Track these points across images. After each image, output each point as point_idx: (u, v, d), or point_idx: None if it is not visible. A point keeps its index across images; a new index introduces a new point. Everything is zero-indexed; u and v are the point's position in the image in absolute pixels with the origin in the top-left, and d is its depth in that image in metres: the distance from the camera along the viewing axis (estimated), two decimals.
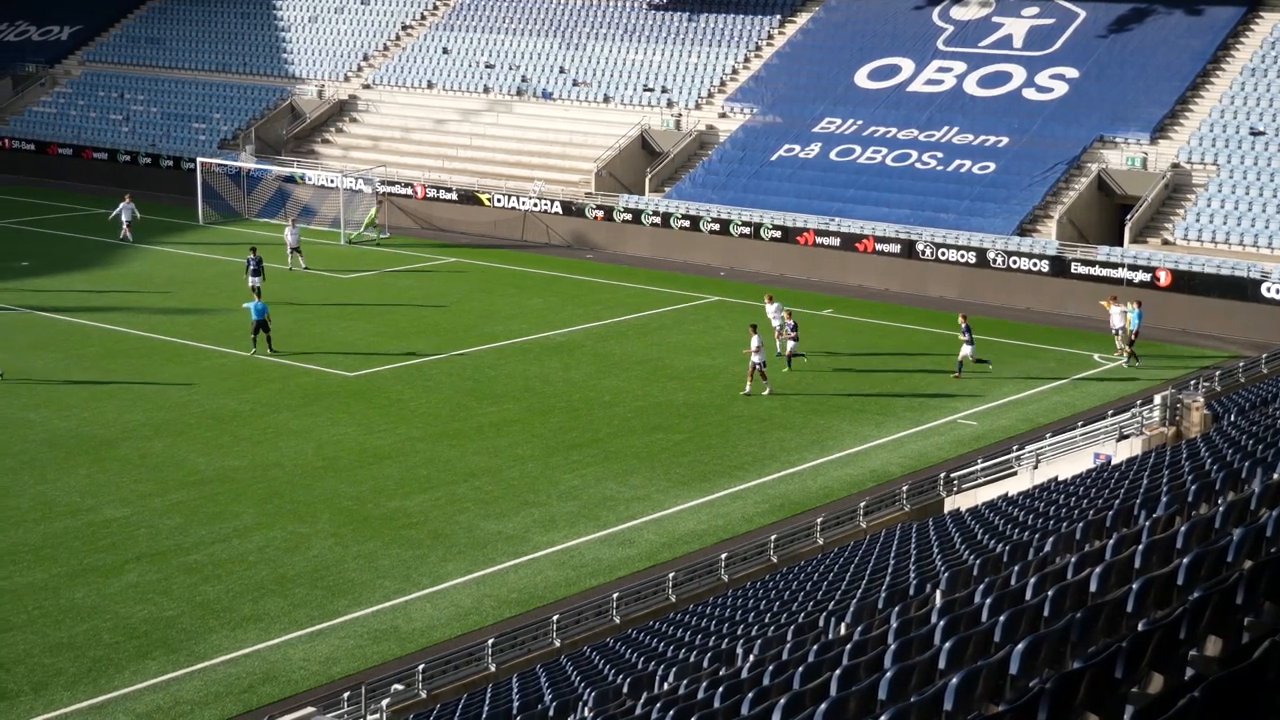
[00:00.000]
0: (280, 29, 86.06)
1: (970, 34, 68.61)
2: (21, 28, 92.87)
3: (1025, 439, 37.90)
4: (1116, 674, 11.12)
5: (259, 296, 49.80)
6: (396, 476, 36.36)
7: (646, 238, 64.46)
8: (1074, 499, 26.50)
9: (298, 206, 71.58)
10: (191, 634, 27.78)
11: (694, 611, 27.01)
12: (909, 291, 57.40)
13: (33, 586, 29.68)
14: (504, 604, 29.56)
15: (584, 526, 33.46)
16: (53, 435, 38.80)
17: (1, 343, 44.98)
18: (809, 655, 16.28)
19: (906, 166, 62.44)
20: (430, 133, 75.30)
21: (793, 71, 70.53)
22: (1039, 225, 57.89)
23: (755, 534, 32.95)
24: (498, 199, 68.33)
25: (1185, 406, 35.13)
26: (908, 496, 34.56)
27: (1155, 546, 15.41)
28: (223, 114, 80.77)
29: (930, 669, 13.12)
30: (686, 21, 75.61)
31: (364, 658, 27.14)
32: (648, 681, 19.81)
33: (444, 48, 79.73)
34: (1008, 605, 14.74)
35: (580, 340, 49.81)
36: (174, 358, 46.82)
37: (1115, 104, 61.77)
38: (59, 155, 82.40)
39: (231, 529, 32.81)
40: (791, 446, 39.09)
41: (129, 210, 64.89)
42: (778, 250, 61.09)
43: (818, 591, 24.74)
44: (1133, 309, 47.65)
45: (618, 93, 72.92)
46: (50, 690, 25.62)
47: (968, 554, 22.95)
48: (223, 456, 37.60)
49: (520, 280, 59.62)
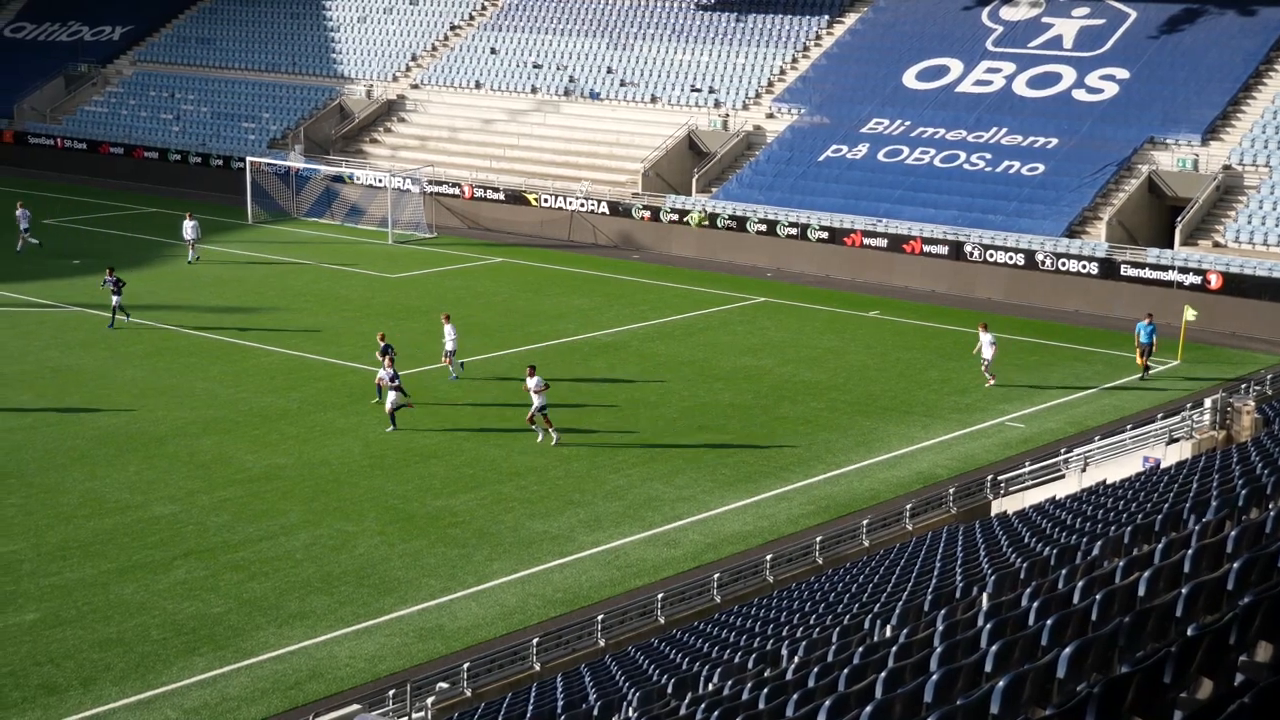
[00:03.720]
0: (329, 29, 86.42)
1: (1020, 34, 68.30)
2: (74, 28, 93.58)
3: (1073, 442, 37.71)
4: (1165, 679, 11.04)
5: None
6: (443, 475, 36.44)
7: (693, 238, 64.43)
8: (1122, 503, 26.33)
9: (345, 206, 71.89)
10: (238, 631, 27.91)
11: (739, 612, 26.99)
12: (956, 293, 57.19)
13: (82, 582, 29.89)
14: (549, 603, 29.59)
15: (629, 526, 33.46)
16: (103, 432, 39.06)
17: (54, 339, 45.29)
18: (854, 657, 16.22)
19: (955, 167, 62.21)
20: (478, 133, 75.46)
21: (840, 72, 70.36)
22: (1088, 227, 57.57)
23: (801, 535, 32.89)
24: (545, 199, 68.42)
25: (1236, 410, 34.88)
26: (954, 499, 34.44)
27: (1205, 551, 15.29)
28: (272, 114, 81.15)
29: (976, 672, 13.05)
30: (734, 22, 75.52)
31: (409, 656, 27.21)
32: (692, 682, 19.79)
33: (492, 48, 79.88)
34: (1055, 609, 14.64)
35: (626, 340, 49.81)
36: (222, 356, 47.06)
37: (1166, 105, 61.38)
38: (110, 154, 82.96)
39: (279, 526, 32.95)
40: (838, 448, 39.00)
41: (193, 229, 62.32)
42: (824, 251, 60.97)
43: (863, 593, 24.67)
44: (1144, 323, 45.72)
45: (665, 93, 72.90)
46: (99, 685, 25.79)
47: (1015, 557, 22.83)
48: (270, 454, 37.77)
49: (567, 280, 59.68)
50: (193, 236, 61.93)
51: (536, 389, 38.33)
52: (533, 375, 38.66)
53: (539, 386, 38.37)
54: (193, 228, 61.92)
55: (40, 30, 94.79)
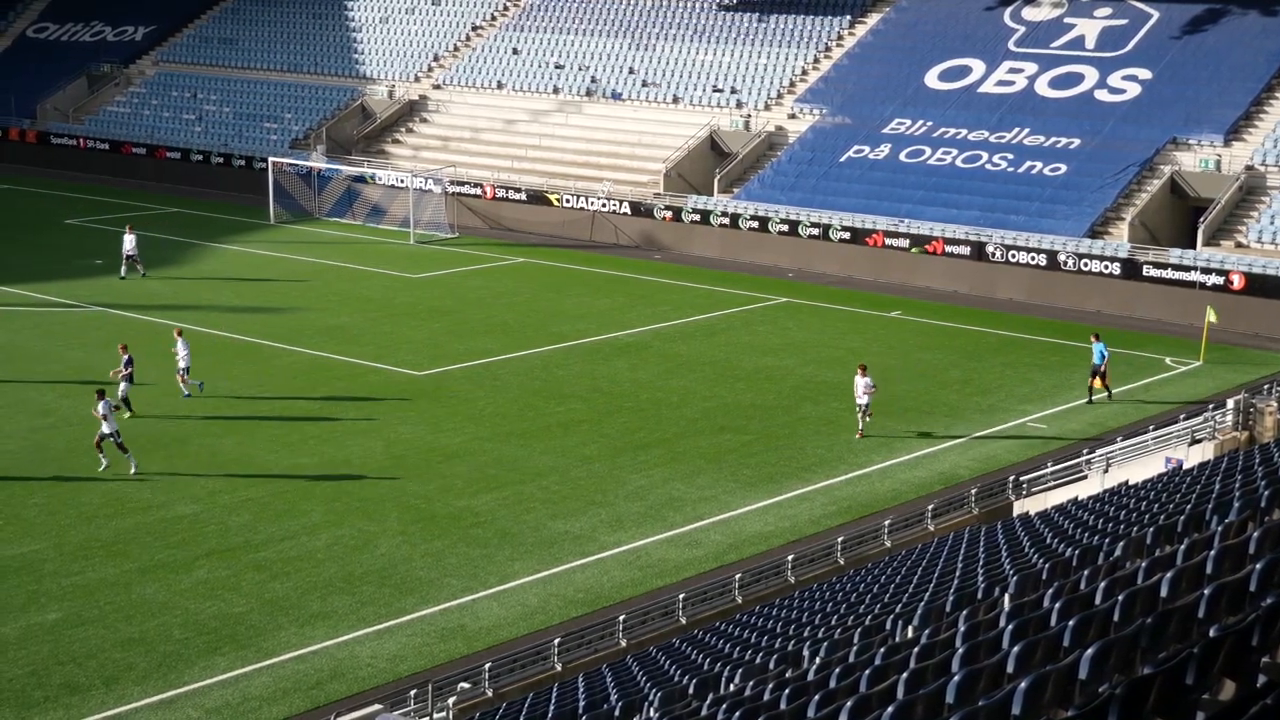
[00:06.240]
0: (351, 29, 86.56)
1: (1042, 35, 68.15)
2: (97, 28, 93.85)
3: (1096, 442, 37.62)
4: (1187, 680, 11.02)
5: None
6: (464, 475, 36.48)
7: (715, 238, 64.42)
8: (1145, 503, 26.26)
9: (367, 206, 72.03)
10: (260, 630, 27.98)
11: (760, 613, 26.97)
12: (978, 294, 57.09)
13: (105, 582, 29.98)
14: (570, 603, 29.60)
15: (651, 527, 33.46)
16: (125, 431, 39.09)
17: (76, 339, 45.47)
18: (876, 658, 16.21)
19: (977, 168, 62.11)
20: (500, 133, 75.52)
21: (862, 72, 70.28)
22: (1110, 227, 57.43)
23: (822, 536, 32.87)
24: (566, 199, 68.46)
25: (1258, 411, 34.79)
26: (976, 499, 34.39)
27: (1227, 552, 15.26)
28: (294, 114, 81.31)
29: (998, 673, 13.03)
30: (756, 22, 75.49)
31: (431, 656, 27.25)
32: (713, 682, 19.79)
33: (514, 48, 79.94)
34: (1077, 610, 14.62)
35: (648, 341, 49.82)
36: (243, 355, 47.17)
37: (1188, 105, 61.20)
38: (133, 155, 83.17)
39: (300, 526, 33.02)
40: (859, 448, 38.96)
41: (132, 243, 58.29)
42: (846, 251, 60.90)
43: (885, 594, 24.64)
44: (1094, 344, 43.17)
45: (687, 93, 72.89)
46: (121, 685, 25.86)
47: (1037, 558, 22.79)
48: (292, 454, 37.85)
49: (588, 280, 59.70)
50: (132, 251, 58.04)
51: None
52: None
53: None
54: (133, 242, 58.21)
55: (63, 30, 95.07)
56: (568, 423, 40.75)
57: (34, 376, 44.11)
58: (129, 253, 58.25)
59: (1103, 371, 43.08)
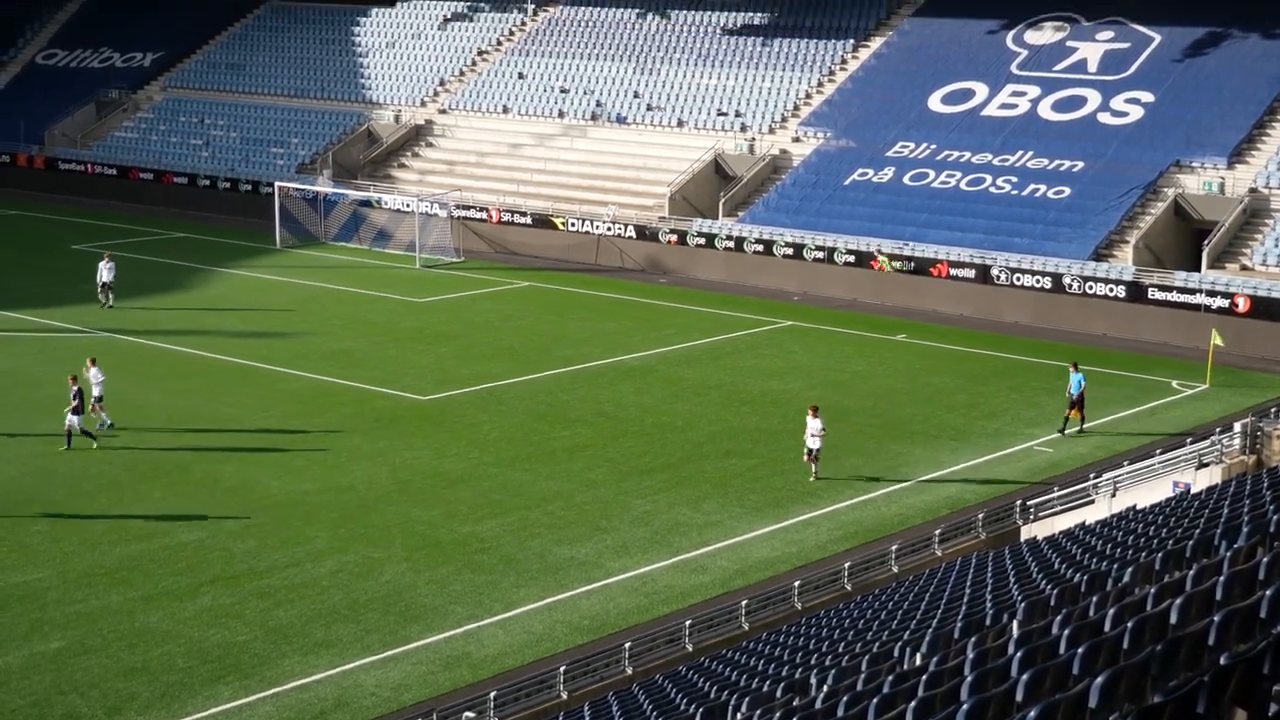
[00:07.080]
0: (358, 55, 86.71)
1: (1044, 58, 68.18)
2: (105, 54, 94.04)
3: (1103, 467, 37.53)
4: (1198, 709, 10.92)
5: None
6: (469, 501, 36.38)
7: (720, 262, 64.39)
8: (1153, 528, 26.17)
9: (372, 230, 72.07)
10: (264, 659, 27.86)
11: (767, 640, 26.86)
12: (983, 316, 57.02)
13: (108, 610, 29.87)
14: (576, 630, 29.49)
15: (657, 552, 33.35)
16: (129, 458, 39.11)
17: (79, 365, 45.25)
18: (884, 686, 16.10)
19: (980, 191, 62.08)
20: (505, 157, 75.57)
21: (866, 96, 70.33)
22: (1115, 250, 57.37)
23: (829, 561, 32.75)
24: (572, 223, 68.46)
25: (1266, 434, 34.70)
26: (983, 524, 34.29)
27: (1237, 578, 15.16)
28: (300, 139, 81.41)
29: (1007, 702, 12.93)
30: (760, 46, 75.58)
31: (435, 684, 27.12)
32: (720, 711, 19.68)
33: (519, 73, 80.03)
34: (1086, 637, 14.52)
35: (653, 365, 49.74)
36: (248, 380, 47.11)
37: (1191, 128, 61.19)
38: (140, 180, 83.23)
39: (304, 553, 32.92)
40: (865, 473, 38.86)
41: (109, 270, 57.43)
42: (851, 274, 60.87)
43: (892, 620, 24.53)
44: (1073, 373, 42.46)
45: (691, 117, 72.93)
46: (124, 715, 25.73)
47: (1045, 584, 22.68)
48: (296, 480, 37.76)
49: (593, 304, 59.67)
50: (109, 279, 57.07)
51: None
52: None
53: None
54: (109, 269, 57.27)
55: (72, 57, 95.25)
56: (573, 447, 40.67)
57: (38, 402, 44.02)
58: (104, 281, 57.32)
59: (1079, 402, 42.49)
